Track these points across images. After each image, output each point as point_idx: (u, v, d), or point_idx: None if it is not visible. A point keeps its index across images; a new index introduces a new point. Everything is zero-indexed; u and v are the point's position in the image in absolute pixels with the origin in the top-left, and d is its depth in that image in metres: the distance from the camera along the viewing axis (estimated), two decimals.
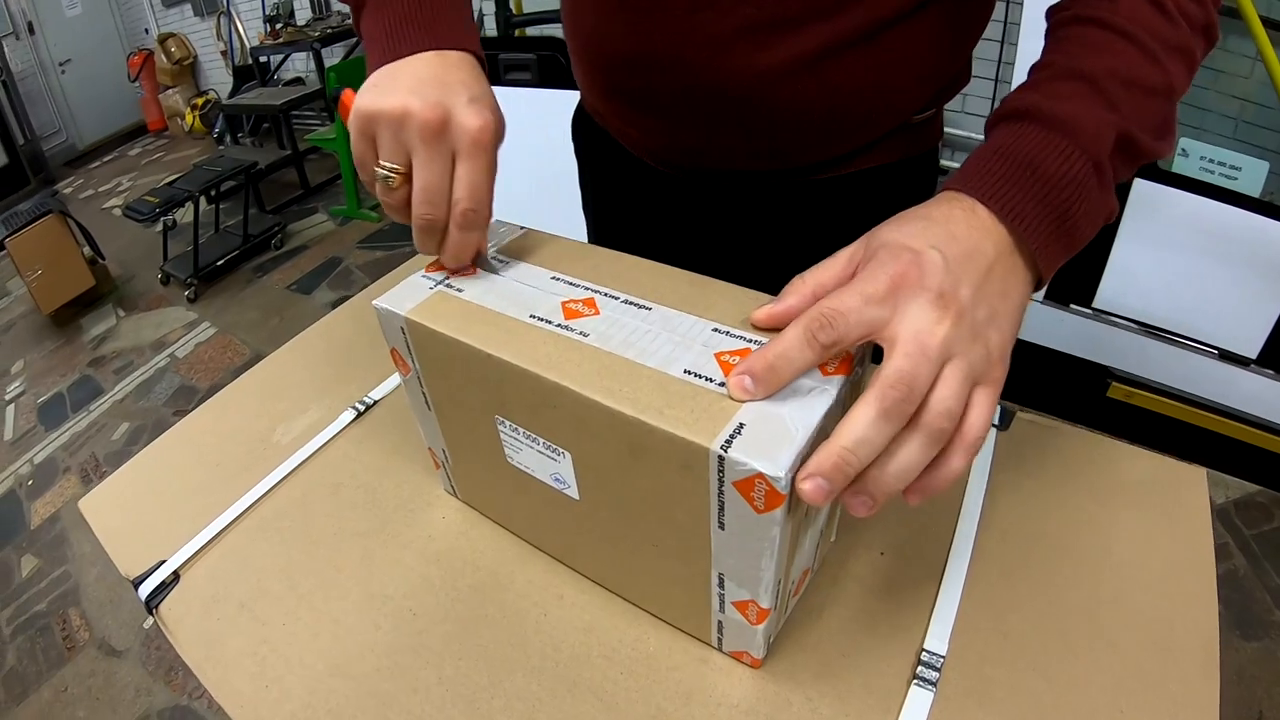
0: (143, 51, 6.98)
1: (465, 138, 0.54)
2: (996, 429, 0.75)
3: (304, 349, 0.99)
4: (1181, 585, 0.60)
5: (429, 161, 0.54)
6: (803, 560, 0.56)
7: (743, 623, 0.53)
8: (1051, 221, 0.47)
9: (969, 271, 0.43)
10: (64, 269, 3.88)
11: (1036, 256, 0.47)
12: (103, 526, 0.79)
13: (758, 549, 0.46)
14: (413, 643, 0.61)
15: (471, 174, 0.54)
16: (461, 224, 0.55)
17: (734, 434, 0.42)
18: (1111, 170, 0.48)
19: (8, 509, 2.79)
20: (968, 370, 0.42)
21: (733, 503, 0.44)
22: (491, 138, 0.55)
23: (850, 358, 0.46)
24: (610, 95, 0.85)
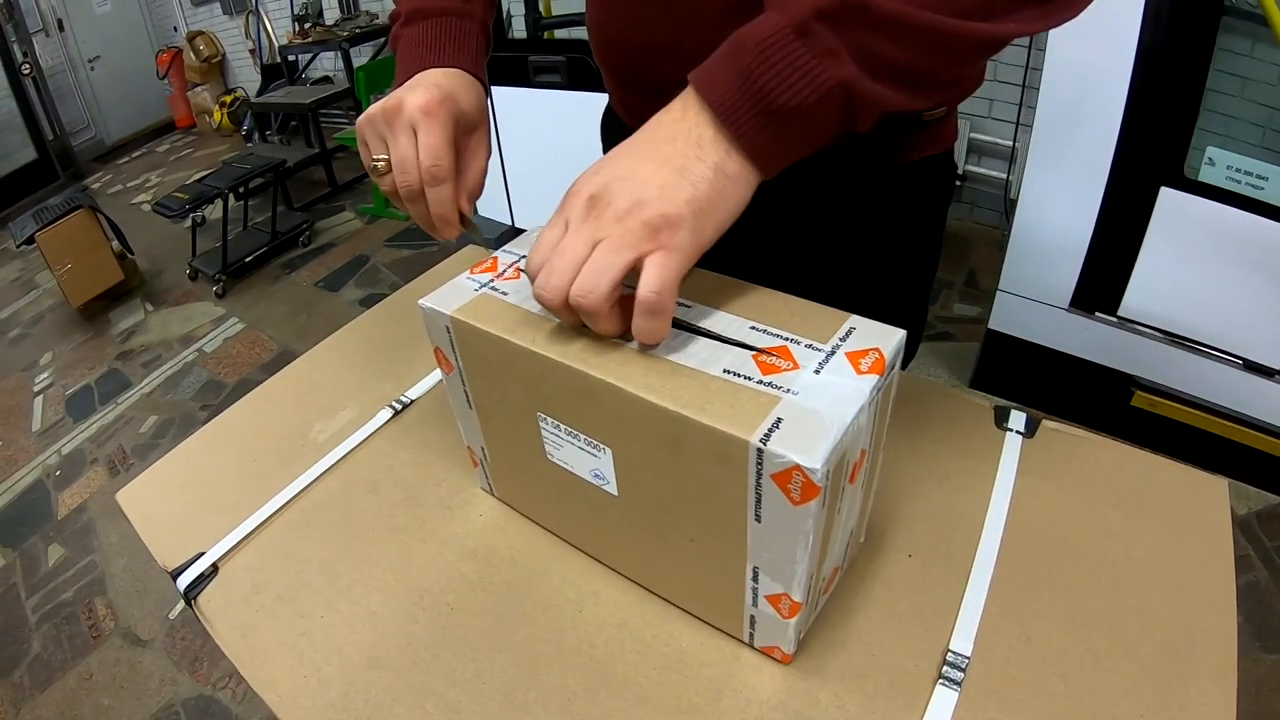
0: (171, 49, 7.05)
1: (415, 113, 0.64)
2: (1022, 436, 0.76)
3: (339, 347, 1.01)
4: (1201, 594, 0.61)
5: (394, 140, 0.65)
6: (833, 558, 0.57)
7: (775, 617, 0.54)
8: (739, 86, 0.47)
9: (619, 169, 0.51)
10: (93, 263, 3.92)
11: (734, 131, 0.48)
12: (140, 518, 0.81)
13: (792, 541, 0.47)
14: (450, 636, 0.63)
15: (426, 138, 0.64)
16: (429, 180, 0.65)
17: (772, 428, 0.44)
18: (839, 38, 0.46)
19: (35, 499, 2.83)
20: (617, 247, 0.48)
21: (770, 495, 0.45)
22: (438, 107, 0.65)
23: (883, 360, 0.48)
24: (626, 89, 0.87)
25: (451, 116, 0.66)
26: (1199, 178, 1.86)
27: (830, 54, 0.46)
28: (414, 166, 0.65)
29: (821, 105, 0.47)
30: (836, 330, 0.51)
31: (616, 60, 0.84)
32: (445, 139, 0.65)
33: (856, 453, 0.49)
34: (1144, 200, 1.92)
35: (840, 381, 0.47)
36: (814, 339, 0.51)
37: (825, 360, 0.49)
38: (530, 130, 3.08)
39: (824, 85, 0.46)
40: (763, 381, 0.47)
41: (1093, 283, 2.09)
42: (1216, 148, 1.85)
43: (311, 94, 4.87)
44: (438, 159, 0.65)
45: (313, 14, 5.32)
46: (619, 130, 0.97)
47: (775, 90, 0.47)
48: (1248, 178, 1.81)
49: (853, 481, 0.52)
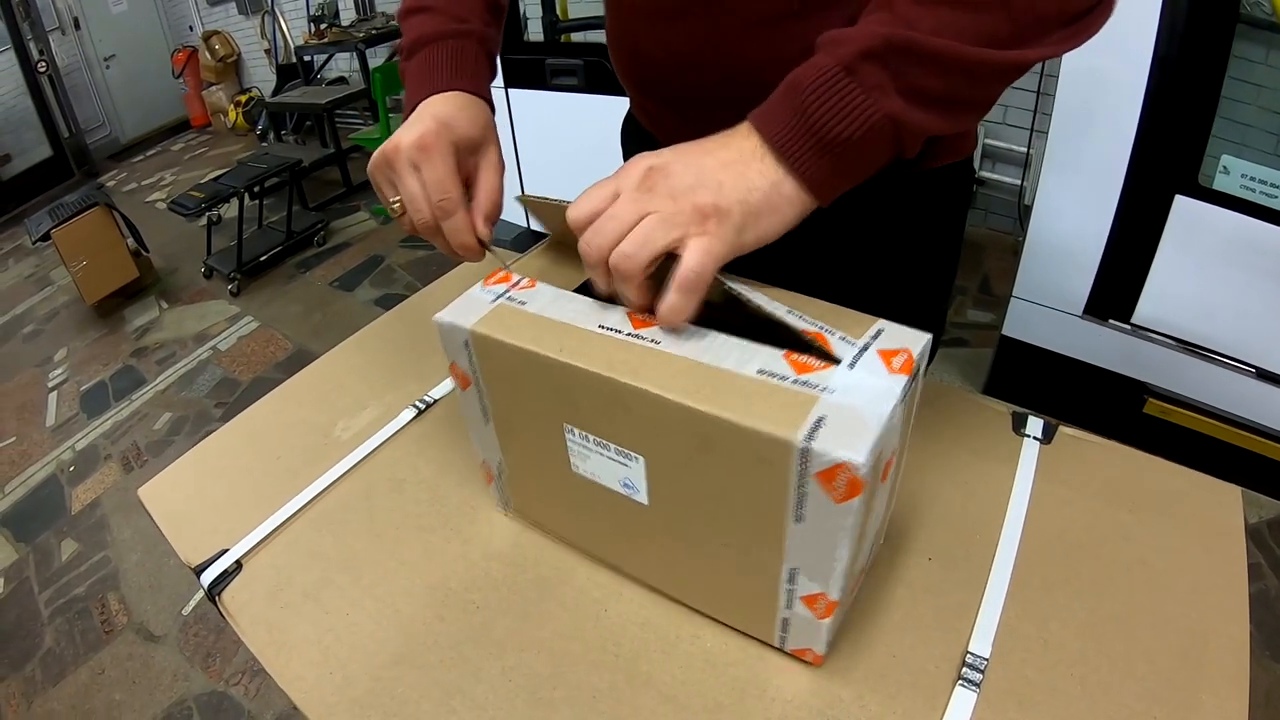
0: (187, 48, 7.08)
1: (412, 151, 0.65)
2: (1040, 442, 0.77)
3: (362, 347, 1.02)
4: (1214, 599, 0.62)
5: (401, 181, 0.66)
6: (863, 557, 0.58)
7: (810, 618, 0.55)
8: (797, 123, 0.51)
9: (683, 157, 0.53)
10: (108, 260, 3.94)
11: (790, 160, 0.52)
12: (163, 514, 0.82)
13: (833, 539, 0.48)
14: (476, 634, 0.64)
15: (430, 174, 0.65)
16: (440, 215, 0.66)
17: (815, 426, 0.44)
18: (886, 74, 0.50)
19: (49, 494, 2.85)
20: (664, 220, 0.51)
21: (813, 494, 0.46)
22: (434, 140, 0.65)
23: (912, 360, 0.49)
24: (648, 98, 0.88)
25: (449, 145, 0.66)
26: (1213, 186, 1.86)
27: (877, 89, 0.50)
28: (424, 203, 0.65)
29: (871, 136, 0.50)
30: (868, 329, 0.52)
31: (638, 74, 0.86)
32: (448, 170, 0.65)
33: (889, 452, 0.50)
34: (1158, 208, 1.91)
35: (874, 379, 0.48)
36: (848, 334, 0.52)
37: (859, 356, 0.50)
38: (546, 132, 3.10)
39: (872, 118, 0.50)
40: (798, 380, 0.48)
41: (1106, 290, 2.09)
42: (1231, 156, 1.85)
43: (327, 94, 4.89)
44: (444, 192, 0.65)
45: (329, 15, 5.34)
46: (640, 137, 0.98)
47: (828, 124, 0.50)
48: (1262, 186, 1.81)
49: (884, 480, 0.52)
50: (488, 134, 0.72)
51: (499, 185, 0.71)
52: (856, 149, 0.51)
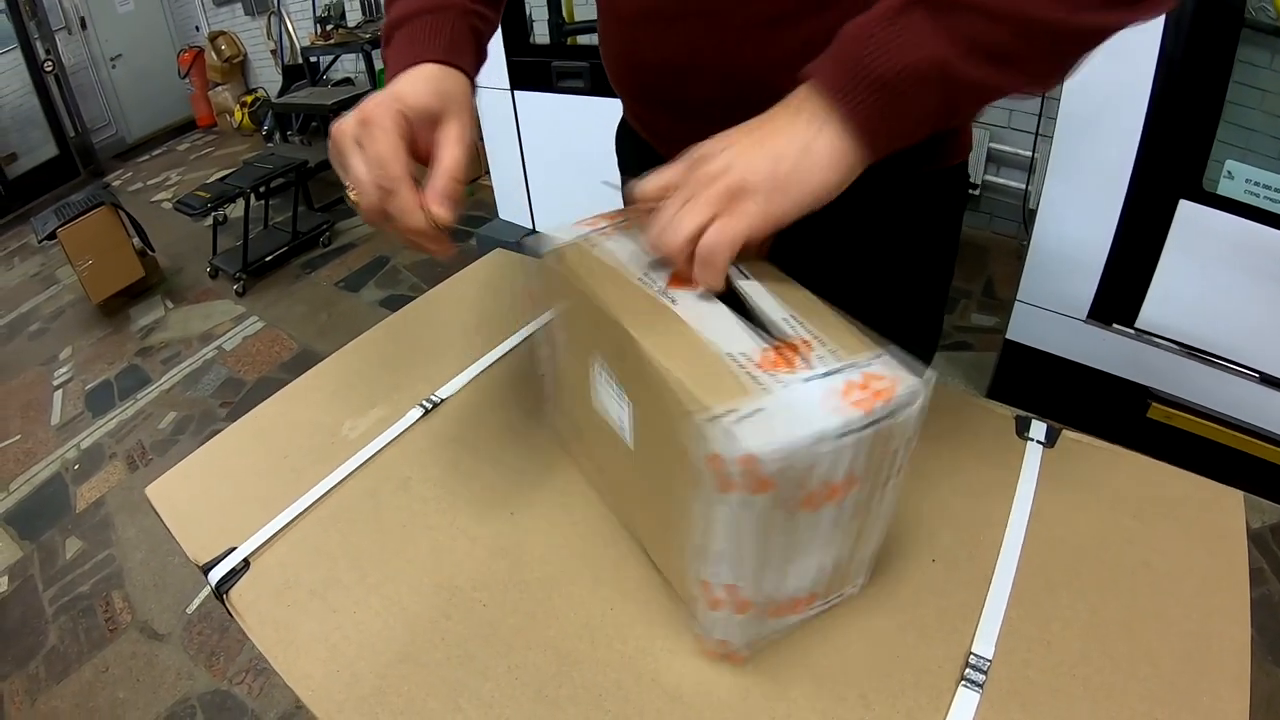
0: (193, 49, 7.10)
1: (354, 128, 0.61)
2: (1043, 446, 0.77)
3: (369, 347, 1.02)
4: (1216, 602, 0.62)
5: (348, 162, 0.61)
6: (797, 580, 0.56)
7: (702, 601, 0.56)
8: (847, 71, 0.53)
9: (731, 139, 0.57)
10: (114, 260, 3.96)
11: (844, 106, 0.53)
12: (170, 512, 0.82)
13: (713, 528, 0.50)
14: (483, 632, 0.64)
15: (370, 150, 0.60)
16: (379, 195, 0.60)
17: (728, 414, 0.45)
18: (926, 17, 0.51)
19: (54, 492, 2.86)
20: (696, 204, 0.55)
21: (708, 478, 0.47)
22: (375, 111, 0.60)
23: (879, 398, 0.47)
24: (645, 106, 0.89)
25: (395, 116, 0.60)
26: (1218, 191, 1.86)
27: (925, 33, 0.51)
28: (368, 184, 0.60)
29: (917, 79, 0.52)
30: (864, 353, 0.51)
31: (636, 81, 0.86)
32: (390, 144, 0.59)
33: (818, 479, 0.48)
34: (1162, 213, 1.92)
35: (821, 401, 0.47)
36: (840, 350, 0.51)
37: (827, 375, 0.49)
38: (552, 134, 3.10)
39: (916, 55, 0.51)
40: (758, 373, 0.49)
41: (1111, 294, 2.09)
42: (1235, 161, 1.86)
43: (333, 95, 4.90)
44: (381, 166, 0.59)
45: (335, 16, 5.36)
46: (636, 145, 0.99)
47: (874, 62, 0.52)
48: (1266, 191, 1.81)
49: (815, 508, 0.50)
50: (449, 104, 0.65)
51: (460, 160, 0.63)
52: (902, 91, 0.52)
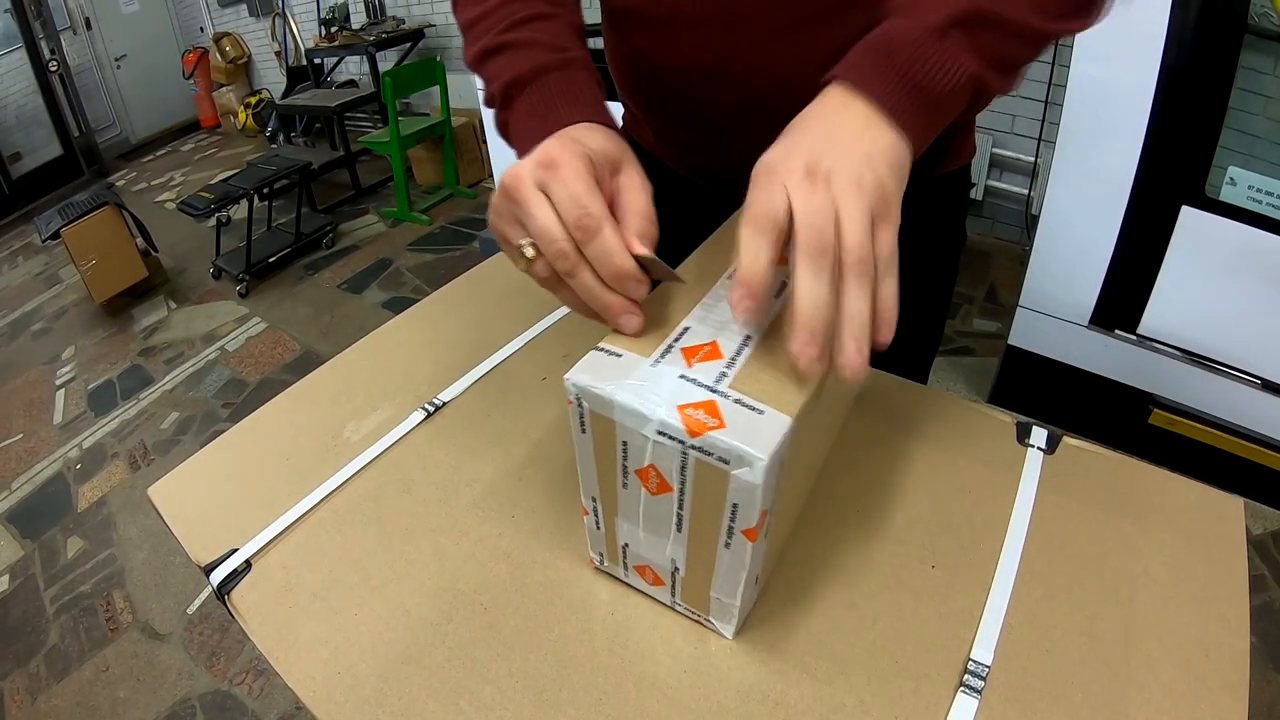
0: (197, 49, 7.12)
1: (537, 172, 0.54)
2: (1043, 452, 0.77)
3: (372, 349, 1.03)
4: (1216, 610, 0.62)
5: (528, 214, 0.54)
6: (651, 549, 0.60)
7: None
8: (901, 86, 0.54)
9: (828, 148, 0.51)
10: (118, 260, 3.97)
11: (896, 118, 0.54)
12: (173, 513, 0.82)
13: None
14: (483, 635, 0.64)
15: (562, 190, 0.53)
16: (582, 236, 0.53)
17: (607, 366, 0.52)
18: (966, 36, 0.55)
19: (55, 491, 2.87)
20: (863, 209, 0.49)
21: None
22: (561, 153, 0.54)
23: (705, 429, 0.47)
24: (653, 115, 0.88)
25: (584, 158, 0.54)
26: (1220, 197, 1.87)
27: (964, 50, 0.55)
28: (558, 229, 0.53)
29: (959, 92, 0.55)
30: (766, 400, 0.50)
31: (648, 87, 0.85)
32: (584, 184, 0.53)
33: (634, 450, 0.52)
34: (1165, 219, 1.92)
35: (670, 395, 0.50)
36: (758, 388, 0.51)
37: (704, 388, 0.50)
38: None
39: (961, 76, 0.55)
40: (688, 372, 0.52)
41: (1113, 300, 2.09)
42: (1238, 167, 1.86)
43: (337, 97, 4.92)
44: (583, 206, 0.52)
45: (339, 18, 5.38)
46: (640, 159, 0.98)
47: (928, 79, 0.54)
48: (1269, 198, 1.82)
49: (649, 487, 0.54)
50: (626, 153, 0.60)
51: (648, 207, 0.58)
52: (948, 103, 0.56)
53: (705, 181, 0.90)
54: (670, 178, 0.93)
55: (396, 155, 4.38)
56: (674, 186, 0.93)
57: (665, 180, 0.93)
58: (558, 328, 1.01)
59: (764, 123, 0.78)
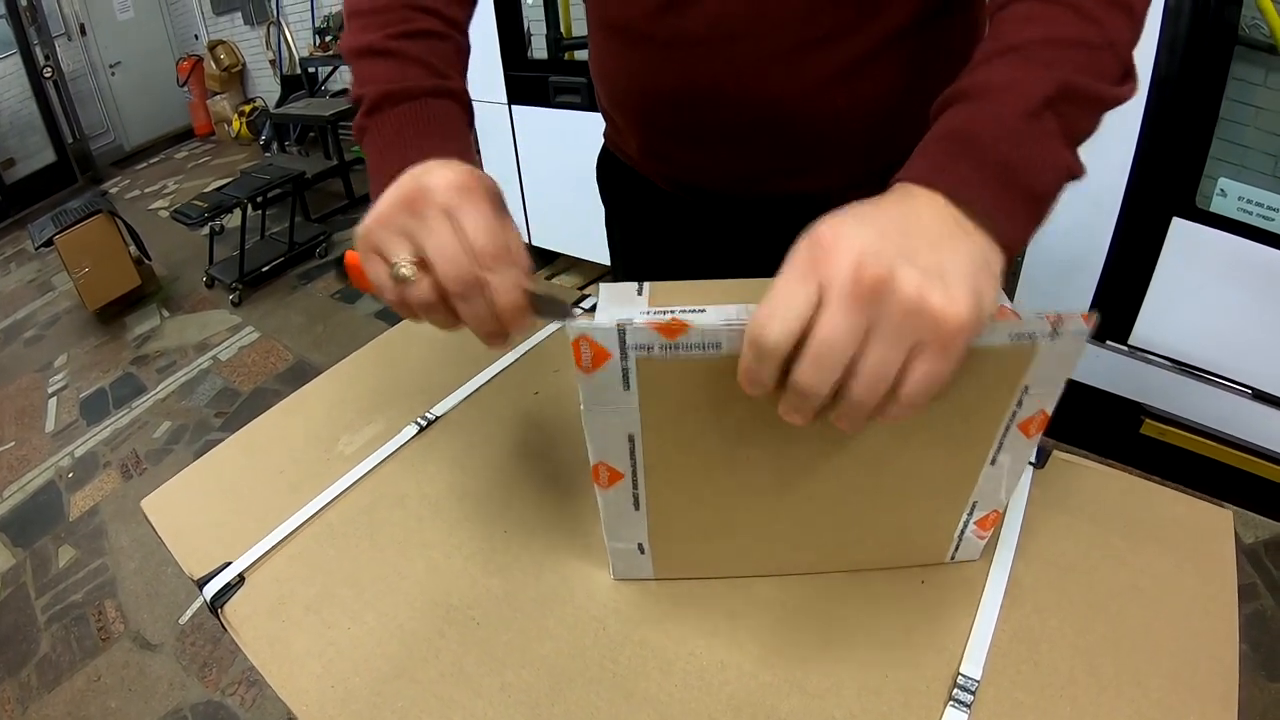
0: (192, 57, 7.12)
1: (449, 194, 0.52)
2: (1034, 467, 0.78)
3: (365, 363, 1.03)
4: (1205, 623, 0.63)
5: (428, 231, 0.52)
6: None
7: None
8: (995, 176, 0.46)
9: (898, 240, 0.42)
10: (111, 268, 3.96)
11: (992, 215, 0.45)
12: (166, 526, 0.82)
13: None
14: (476, 650, 0.65)
15: (477, 220, 0.52)
16: (491, 265, 0.52)
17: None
18: (1057, 119, 0.48)
19: (47, 500, 2.86)
20: (901, 341, 0.40)
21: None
22: (474, 183, 0.53)
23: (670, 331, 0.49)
24: (641, 128, 0.87)
25: (489, 193, 0.54)
26: (1211, 208, 1.88)
27: (1053, 135, 0.48)
28: (463, 255, 0.51)
29: (1056, 183, 0.49)
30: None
31: (642, 107, 0.84)
32: (496, 217, 0.53)
33: None
34: (1156, 230, 1.93)
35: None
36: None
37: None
38: (549, 150, 3.11)
39: (1060, 166, 0.49)
40: None
41: (1104, 311, 2.08)
42: (1228, 179, 1.87)
43: (331, 106, 4.91)
44: (499, 236, 0.52)
45: (334, 27, 5.38)
46: (619, 170, 0.98)
47: (1034, 175, 0.47)
48: (1259, 209, 1.83)
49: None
50: (501, 194, 0.57)
51: (527, 262, 0.56)
52: (1049, 198, 0.48)
53: (689, 195, 0.90)
54: (652, 192, 0.93)
55: None
56: (655, 200, 0.94)
57: (646, 194, 0.94)
58: (549, 342, 1.02)
59: (754, 142, 0.79)
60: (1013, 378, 0.52)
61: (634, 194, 0.98)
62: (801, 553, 0.68)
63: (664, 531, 0.65)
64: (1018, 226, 0.47)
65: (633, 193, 0.98)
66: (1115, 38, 0.52)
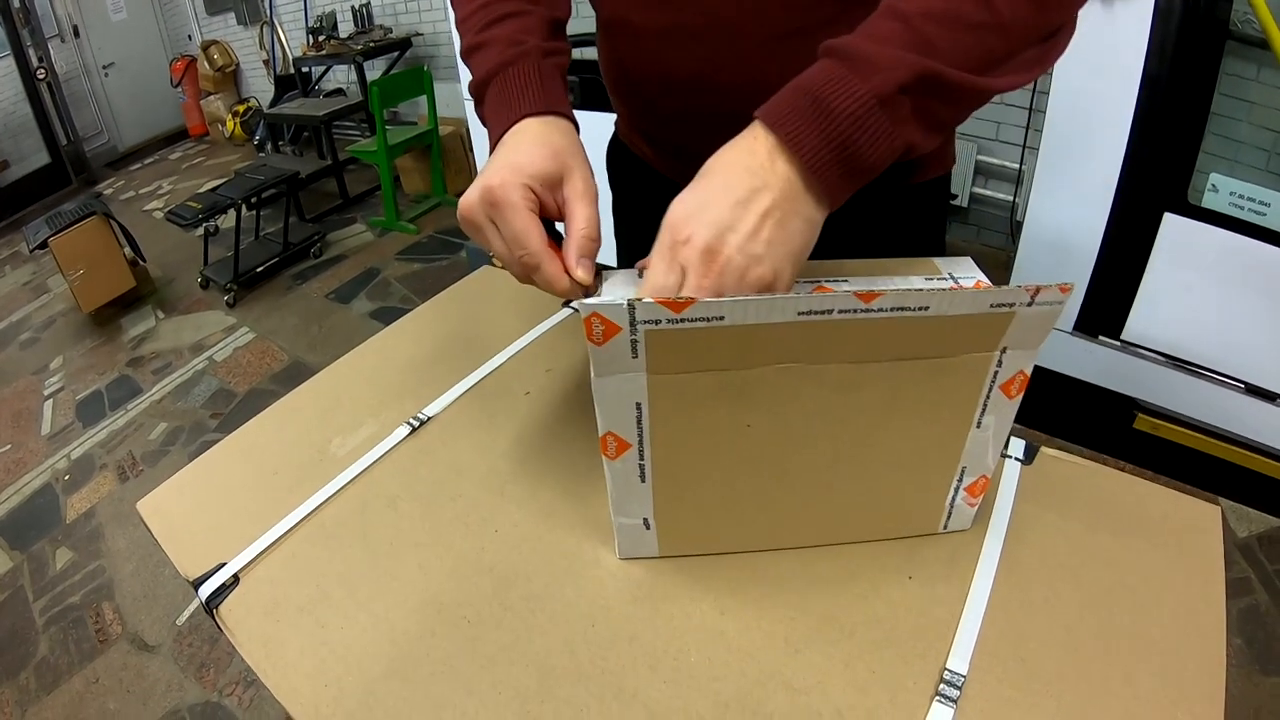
0: (185, 57, 7.11)
1: (485, 209, 0.63)
2: (1021, 463, 0.78)
3: (358, 365, 1.04)
4: (1192, 620, 0.63)
5: (485, 238, 0.64)
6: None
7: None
8: (834, 149, 0.53)
9: (735, 223, 0.54)
10: (106, 269, 3.96)
11: (820, 184, 0.54)
12: (161, 527, 0.83)
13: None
14: (467, 649, 0.65)
15: (506, 229, 0.62)
16: (523, 272, 0.64)
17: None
18: (912, 105, 0.53)
19: (44, 502, 2.85)
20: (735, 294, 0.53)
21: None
22: (500, 193, 0.62)
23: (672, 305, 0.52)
24: (645, 121, 0.90)
25: (522, 191, 0.62)
26: (1202, 203, 1.88)
27: (903, 120, 0.54)
28: (510, 256, 0.63)
29: (888, 161, 0.55)
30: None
31: (642, 97, 0.86)
32: (523, 221, 0.61)
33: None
34: (1148, 226, 1.94)
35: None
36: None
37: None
38: None
39: (896, 146, 0.54)
40: None
41: (1097, 307, 2.11)
42: (1220, 174, 1.87)
43: (324, 106, 4.91)
44: (520, 245, 0.61)
45: (327, 27, 5.37)
46: (629, 163, 0.99)
47: (863, 153, 0.54)
48: (1251, 204, 1.83)
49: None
50: (566, 159, 0.65)
51: (592, 216, 0.64)
52: (876, 172, 0.56)
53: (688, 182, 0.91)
54: (659, 182, 0.94)
55: (384, 164, 4.38)
56: (659, 188, 0.94)
57: (653, 184, 0.95)
58: (541, 342, 1.02)
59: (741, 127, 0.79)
60: (991, 340, 0.57)
61: (639, 181, 1.00)
62: (800, 525, 0.69)
63: (669, 506, 0.67)
64: (841, 191, 0.56)
65: (637, 180, 1.01)
66: (1010, 19, 0.54)
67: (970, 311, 0.53)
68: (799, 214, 0.55)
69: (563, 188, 0.65)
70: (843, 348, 0.55)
